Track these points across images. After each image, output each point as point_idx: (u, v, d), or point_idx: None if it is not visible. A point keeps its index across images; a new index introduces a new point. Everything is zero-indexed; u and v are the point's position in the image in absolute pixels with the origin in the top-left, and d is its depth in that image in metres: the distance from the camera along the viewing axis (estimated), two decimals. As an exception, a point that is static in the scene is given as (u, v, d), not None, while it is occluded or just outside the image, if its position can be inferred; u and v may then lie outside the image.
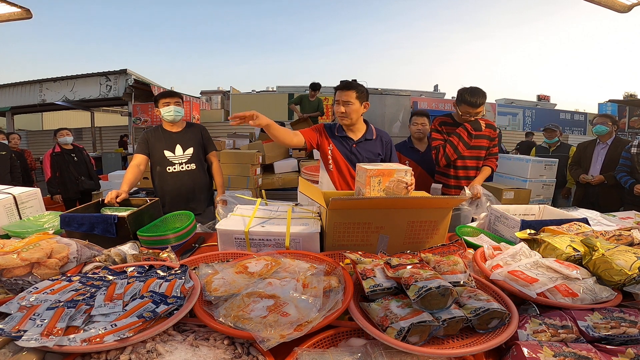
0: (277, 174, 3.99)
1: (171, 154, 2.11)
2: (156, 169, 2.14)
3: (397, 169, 1.33)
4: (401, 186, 1.35)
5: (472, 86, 2.04)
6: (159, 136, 2.13)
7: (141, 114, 7.65)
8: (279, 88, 12.42)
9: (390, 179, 1.35)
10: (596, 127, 3.17)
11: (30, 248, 0.93)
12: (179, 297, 0.77)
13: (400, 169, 1.34)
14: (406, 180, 1.33)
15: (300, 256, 1.03)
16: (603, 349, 0.67)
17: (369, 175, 1.30)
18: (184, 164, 2.13)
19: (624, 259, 0.88)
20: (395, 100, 5.41)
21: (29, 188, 1.64)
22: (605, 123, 3.12)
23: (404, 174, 1.34)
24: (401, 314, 0.69)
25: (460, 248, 0.97)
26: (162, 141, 2.12)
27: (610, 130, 3.12)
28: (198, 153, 2.17)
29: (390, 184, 1.35)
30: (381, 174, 1.31)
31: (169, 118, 2.11)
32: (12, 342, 0.64)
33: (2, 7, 2.24)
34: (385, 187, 1.35)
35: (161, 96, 2.13)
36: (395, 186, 1.36)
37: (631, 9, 2.15)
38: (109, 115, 14.04)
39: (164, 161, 2.11)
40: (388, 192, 1.34)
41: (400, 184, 1.35)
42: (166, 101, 2.10)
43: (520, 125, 11.20)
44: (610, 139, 3.14)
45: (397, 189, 1.35)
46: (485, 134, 2.15)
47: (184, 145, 2.13)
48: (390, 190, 1.35)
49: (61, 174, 3.84)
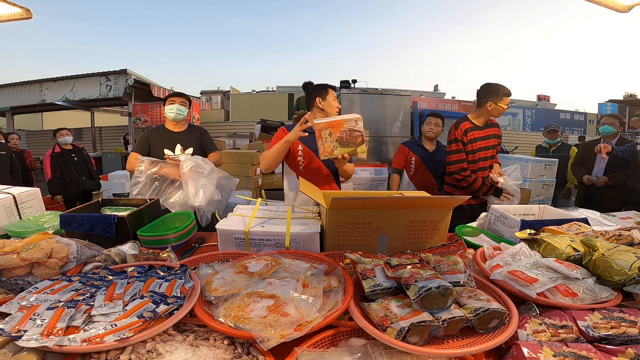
0: (277, 174, 3.98)
1: (171, 153, 2.12)
2: None
3: (346, 119, 1.32)
4: (355, 135, 1.34)
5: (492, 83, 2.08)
6: (161, 135, 2.17)
7: (141, 114, 7.66)
8: (279, 88, 12.42)
9: (341, 130, 1.33)
10: (603, 128, 3.14)
11: (30, 248, 0.93)
12: (179, 297, 0.77)
13: (350, 118, 1.33)
14: (358, 129, 1.32)
15: (300, 256, 1.03)
16: (603, 348, 0.67)
17: (319, 129, 1.29)
18: None
19: (624, 259, 0.88)
20: (395, 100, 5.41)
21: (29, 188, 1.64)
22: (613, 124, 3.10)
23: (354, 123, 1.33)
24: (401, 314, 0.69)
25: (460, 248, 0.97)
26: (163, 140, 2.15)
27: (616, 132, 3.11)
28: (198, 153, 2.17)
29: (342, 134, 1.34)
30: (330, 125, 1.31)
31: (170, 115, 2.14)
32: (12, 342, 0.64)
33: (2, 7, 2.24)
34: (337, 137, 1.34)
35: (169, 95, 2.20)
36: (347, 135, 1.35)
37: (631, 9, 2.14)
38: (109, 115, 14.04)
39: None
40: (342, 143, 1.34)
41: (353, 133, 1.35)
42: (172, 100, 2.17)
43: (520, 125, 11.20)
44: (615, 140, 3.11)
45: (350, 138, 1.34)
46: (494, 133, 2.17)
47: (184, 146, 2.15)
48: (344, 141, 1.34)
49: (62, 175, 3.83)
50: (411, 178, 2.73)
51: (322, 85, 1.90)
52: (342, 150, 1.46)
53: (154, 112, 7.67)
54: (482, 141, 2.11)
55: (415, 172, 2.71)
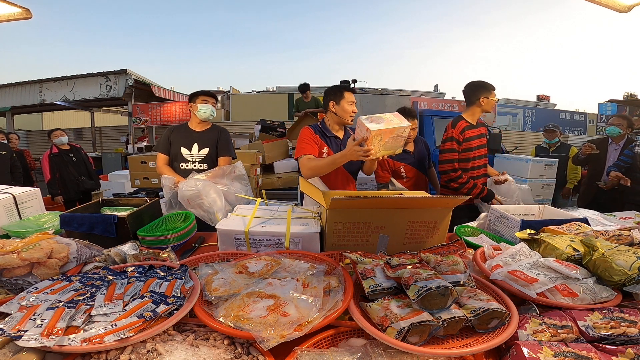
0: (277, 174, 3.98)
1: (187, 152, 2.13)
2: (172, 164, 2.17)
3: (398, 127, 1.38)
4: (399, 140, 1.43)
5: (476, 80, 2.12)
6: (182, 133, 2.16)
7: (141, 114, 7.66)
8: (279, 88, 12.41)
9: (391, 135, 1.40)
10: (610, 128, 3.11)
11: (30, 248, 0.93)
12: (179, 297, 0.77)
13: (402, 126, 1.39)
14: (404, 135, 1.40)
15: (300, 256, 1.03)
16: (603, 348, 0.67)
17: (372, 136, 1.34)
18: (197, 163, 2.13)
19: (624, 259, 0.88)
20: (395, 100, 5.41)
21: (29, 188, 1.64)
22: (620, 125, 3.07)
23: (403, 130, 1.41)
24: (401, 314, 0.69)
25: (460, 248, 0.97)
26: (183, 138, 2.14)
27: (623, 133, 3.07)
28: (213, 154, 2.16)
29: (390, 139, 1.42)
30: (383, 132, 1.37)
31: (204, 115, 2.11)
32: (12, 342, 0.64)
33: (2, 7, 2.24)
34: (385, 142, 1.41)
35: (202, 93, 2.16)
36: (393, 140, 1.43)
37: (631, 9, 2.14)
38: (109, 115, 14.04)
39: (179, 157, 2.13)
40: (386, 146, 1.43)
41: (399, 138, 1.43)
42: (206, 99, 2.14)
43: (520, 125, 11.20)
44: (623, 141, 3.09)
45: (395, 143, 1.44)
46: (484, 131, 2.17)
47: (201, 145, 2.13)
48: (389, 144, 1.43)
49: (61, 175, 3.83)
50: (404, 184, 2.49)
51: (337, 87, 1.85)
52: (384, 153, 1.50)
53: (154, 112, 7.67)
54: (476, 140, 2.12)
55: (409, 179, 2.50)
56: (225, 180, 1.97)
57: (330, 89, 1.88)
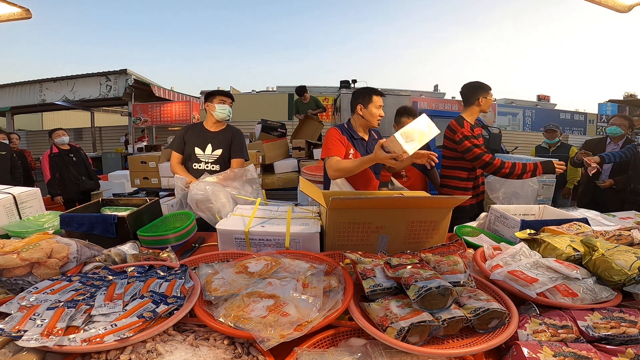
0: (277, 174, 3.98)
1: (200, 152, 2.12)
2: (185, 163, 2.17)
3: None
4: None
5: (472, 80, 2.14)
6: (196, 132, 2.15)
7: (141, 114, 7.65)
8: (279, 88, 12.42)
9: None
10: (611, 128, 3.10)
11: (30, 248, 0.93)
12: (179, 297, 0.77)
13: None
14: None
15: (300, 256, 1.03)
16: (603, 349, 0.67)
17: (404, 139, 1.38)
18: (210, 164, 2.12)
19: (624, 259, 0.88)
20: (395, 100, 5.41)
21: (29, 188, 1.64)
22: (621, 125, 3.05)
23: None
24: (401, 314, 0.69)
25: (460, 248, 0.97)
26: (197, 138, 2.13)
27: (624, 133, 3.06)
28: (226, 156, 2.15)
29: None
30: None
31: (221, 115, 2.10)
32: (12, 342, 0.64)
33: (1, 7, 2.24)
34: None
35: (219, 93, 2.14)
36: None
37: (631, 9, 2.14)
38: (109, 115, 14.05)
39: (192, 157, 2.13)
40: None
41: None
42: (223, 99, 2.12)
43: (520, 125, 11.21)
44: (622, 141, 3.08)
45: None
46: (480, 131, 2.19)
47: (215, 146, 2.12)
48: None
49: (61, 175, 3.83)
50: (404, 184, 2.49)
51: (365, 91, 1.84)
52: None
53: (154, 112, 7.67)
54: (476, 139, 2.11)
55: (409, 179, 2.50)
56: (236, 184, 1.95)
57: (359, 91, 1.87)
